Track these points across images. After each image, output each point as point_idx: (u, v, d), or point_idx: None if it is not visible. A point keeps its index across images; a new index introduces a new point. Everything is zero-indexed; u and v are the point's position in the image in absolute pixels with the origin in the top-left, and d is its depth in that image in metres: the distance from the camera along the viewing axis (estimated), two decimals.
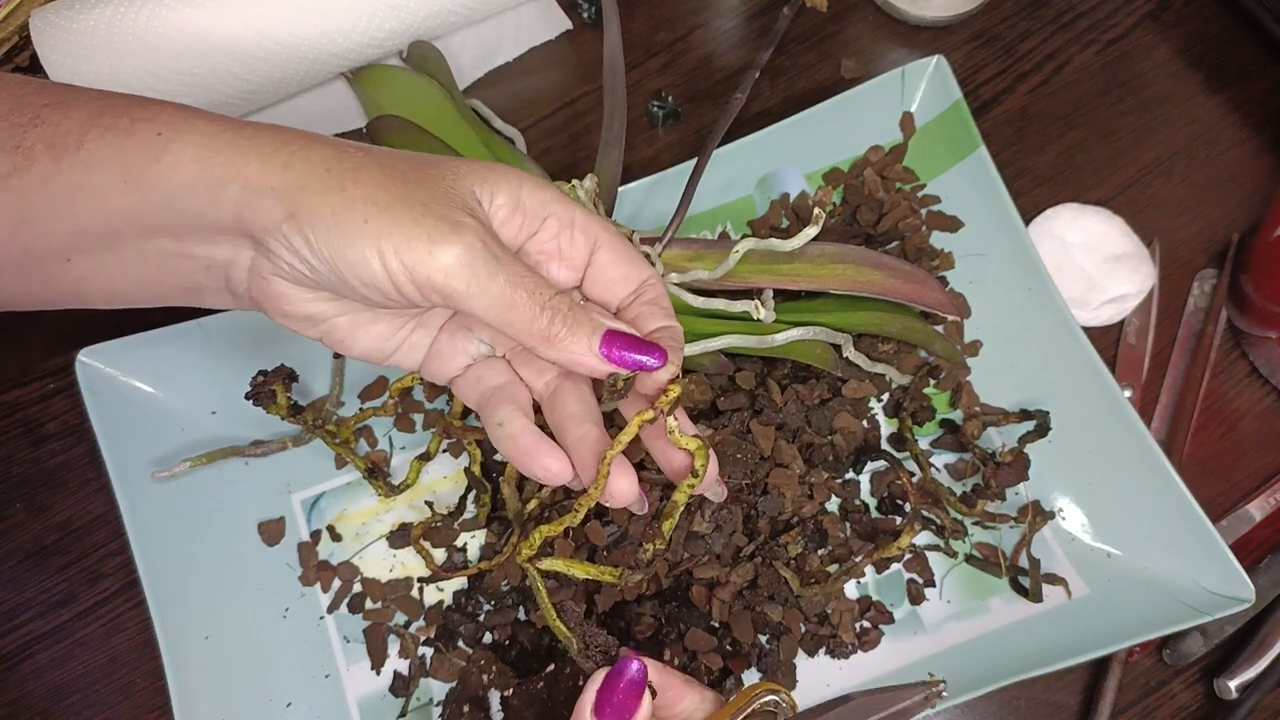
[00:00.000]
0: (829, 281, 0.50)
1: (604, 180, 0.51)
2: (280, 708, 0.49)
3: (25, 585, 0.53)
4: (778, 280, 0.49)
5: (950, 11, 0.60)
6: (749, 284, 0.49)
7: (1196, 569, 0.48)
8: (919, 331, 0.51)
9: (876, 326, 0.51)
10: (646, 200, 0.55)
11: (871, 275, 0.50)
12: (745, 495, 0.49)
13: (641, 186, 0.54)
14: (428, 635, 0.50)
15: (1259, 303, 0.52)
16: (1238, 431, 0.54)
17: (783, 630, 0.49)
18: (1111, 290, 0.55)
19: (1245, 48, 0.61)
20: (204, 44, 0.54)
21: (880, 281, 0.50)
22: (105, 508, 0.53)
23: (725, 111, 0.53)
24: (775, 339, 0.48)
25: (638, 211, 0.55)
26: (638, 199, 0.55)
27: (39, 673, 0.52)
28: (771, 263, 0.50)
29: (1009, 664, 0.47)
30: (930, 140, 0.56)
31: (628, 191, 0.54)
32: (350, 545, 0.52)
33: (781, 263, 0.50)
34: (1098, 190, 0.58)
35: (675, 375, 0.36)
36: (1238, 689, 0.48)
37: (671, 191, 0.52)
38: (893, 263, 0.51)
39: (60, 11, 0.53)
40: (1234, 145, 0.59)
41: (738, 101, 0.53)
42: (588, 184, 0.48)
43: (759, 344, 0.48)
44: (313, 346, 0.54)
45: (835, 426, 0.51)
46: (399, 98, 0.56)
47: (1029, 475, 0.51)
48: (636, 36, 0.62)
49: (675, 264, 0.49)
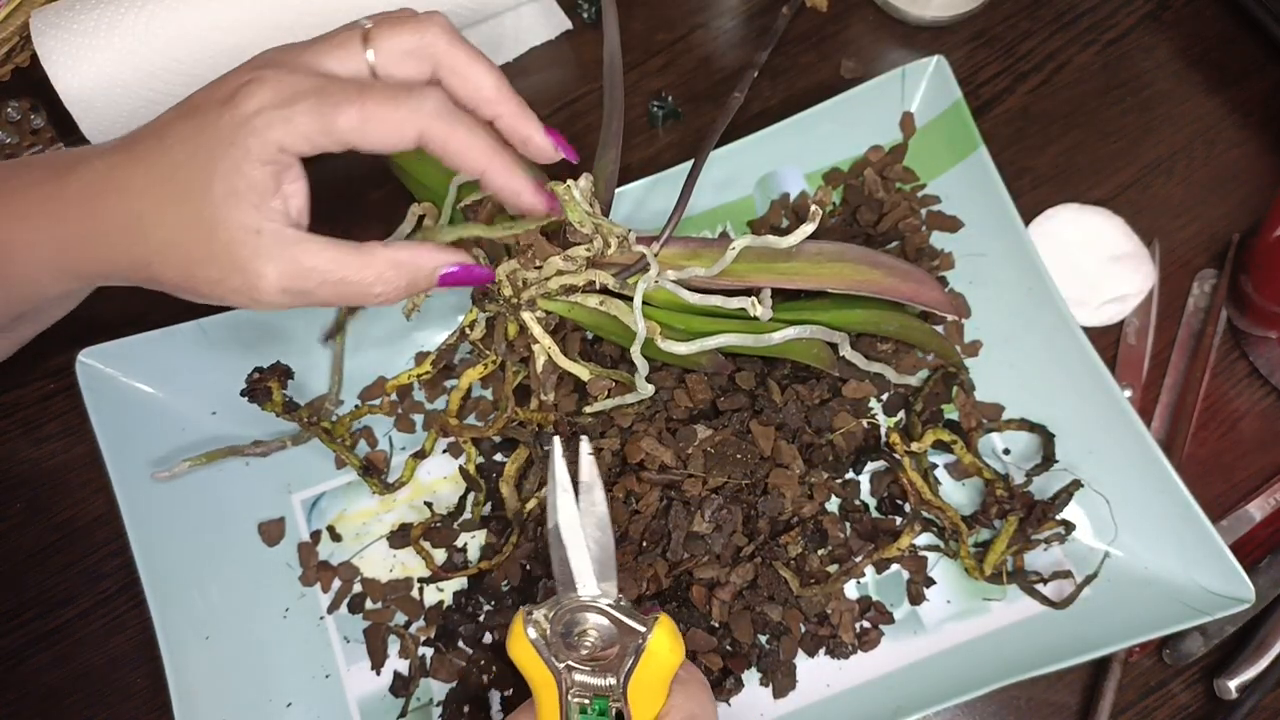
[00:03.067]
0: (827, 280, 0.49)
1: (600, 179, 0.51)
2: (280, 708, 0.49)
3: (25, 585, 0.53)
4: (776, 279, 0.49)
5: (950, 11, 0.60)
6: (747, 283, 0.49)
7: (1196, 569, 0.48)
8: (917, 330, 0.51)
9: (874, 325, 0.51)
10: (645, 200, 0.55)
11: (870, 274, 0.50)
12: (745, 495, 0.49)
13: (640, 186, 0.54)
14: (428, 635, 0.50)
15: (1259, 303, 0.52)
16: (1238, 431, 0.54)
17: (783, 630, 0.49)
18: (1111, 290, 0.55)
19: (1245, 48, 0.61)
20: (204, 43, 0.54)
21: (878, 280, 0.50)
22: (105, 508, 0.53)
23: (723, 111, 0.53)
24: (772, 337, 0.48)
25: (636, 211, 0.55)
26: (637, 198, 0.55)
27: (39, 673, 0.52)
28: (769, 261, 0.50)
29: (1009, 664, 0.47)
30: (930, 140, 0.56)
31: (627, 191, 0.54)
32: (350, 545, 0.52)
33: (779, 261, 0.50)
34: (1098, 190, 0.58)
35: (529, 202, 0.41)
36: (1238, 689, 0.48)
37: (670, 191, 0.52)
38: (891, 261, 0.51)
39: (60, 11, 0.53)
40: (1234, 145, 0.59)
41: (736, 100, 0.53)
42: (583, 184, 0.48)
43: (756, 342, 0.48)
44: (312, 346, 0.54)
45: (835, 426, 0.51)
46: None
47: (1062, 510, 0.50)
48: (636, 36, 0.62)
49: (672, 262, 0.49)
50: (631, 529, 0.48)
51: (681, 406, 0.50)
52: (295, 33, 0.54)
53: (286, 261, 0.38)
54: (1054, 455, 0.51)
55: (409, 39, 0.39)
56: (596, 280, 0.47)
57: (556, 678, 0.37)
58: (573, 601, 0.38)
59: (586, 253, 0.46)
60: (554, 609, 0.38)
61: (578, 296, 0.47)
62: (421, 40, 0.39)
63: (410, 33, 0.39)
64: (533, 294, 0.47)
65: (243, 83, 0.37)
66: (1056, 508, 0.49)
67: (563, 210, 0.43)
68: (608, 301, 0.47)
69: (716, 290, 0.49)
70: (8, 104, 0.60)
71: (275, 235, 0.38)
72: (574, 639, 0.38)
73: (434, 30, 0.39)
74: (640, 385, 0.49)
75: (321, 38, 0.40)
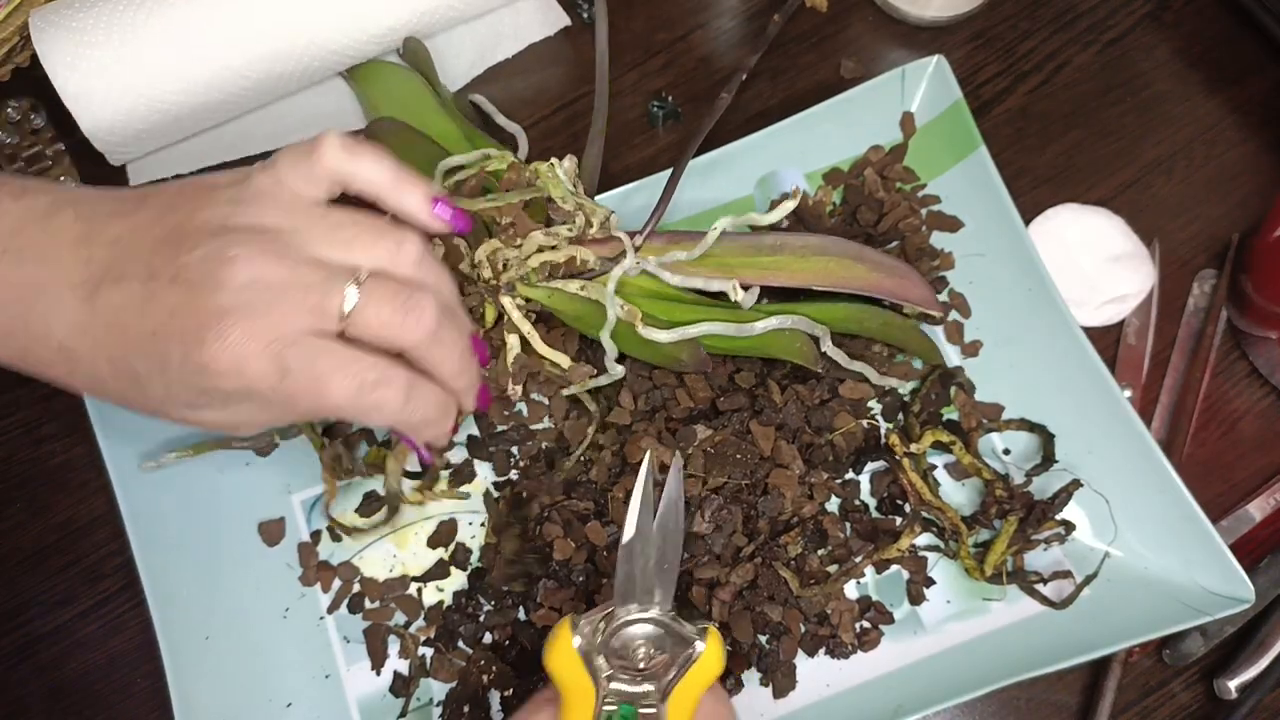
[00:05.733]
0: (811, 276, 0.49)
1: (586, 170, 0.51)
2: (280, 708, 0.49)
3: (25, 585, 0.53)
4: (760, 274, 0.49)
5: (950, 11, 0.60)
6: (732, 277, 0.49)
7: (1196, 569, 0.48)
8: (898, 327, 0.51)
9: (856, 323, 0.50)
10: (627, 199, 0.54)
11: (854, 269, 0.50)
12: (745, 495, 0.49)
13: (632, 189, 0.54)
14: (428, 635, 0.50)
15: (1259, 303, 0.52)
16: (1238, 431, 0.54)
17: (783, 630, 0.49)
18: (1111, 290, 0.55)
19: (1245, 48, 0.61)
20: (203, 42, 0.54)
21: (863, 275, 0.50)
22: (105, 508, 0.53)
23: (710, 111, 0.53)
24: (754, 327, 0.48)
25: (635, 213, 0.55)
26: (635, 201, 0.54)
27: (39, 673, 0.52)
28: (753, 255, 0.49)
29: (1009, 664, 0.47)
30: (930, 140, 0.56)
31: (619, 194, 0.54)
32: (350, 545, 0.52)
33: (764, 255, 0.49)
34: (1098, 190, 0.58)
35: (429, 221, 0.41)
36: (1238, 689, 0.48)
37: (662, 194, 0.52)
38: (876, 256, 0.51)
39: (60, 11, 0.53)
40: (1234, 145, 0.59)
41: (723, 101, 0.53)
42: (566, 164, 0.48)
43: (738, 332, 0.48)
44: None
45: (835, 426, 0.51)
46: (392, 95, 0.56)
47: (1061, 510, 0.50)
48: (636, 36, 0.62)
49: (655, 250, 0.49)
50: None
51: (682, 406, 0.50)
52: (295, 30, 0.54)
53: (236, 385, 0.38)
54: (1054, 455, 0.51)
55: (393, 333, 0.38)
56: (578, 257, 0.47)
57: (597, 686, 0.38)
58: (629, 613, 0.39)
59: (569, 231, 0.46)
60: (606, 620, 0.38)
61: (558, 282, 0.47)
62: (402, 340, 0.39)
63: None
64: (513, 275, 0.47)
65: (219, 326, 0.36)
66: (1056, 508, 0.49)
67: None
68: (588, 286, 0.47)
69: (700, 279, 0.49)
70: (8, 104, 0.60)
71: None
72: (624, 649, 0.38)
73: (417, 334, 0.39)
74: (611, 367, 0.48)
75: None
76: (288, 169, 0.38)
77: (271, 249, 0.36)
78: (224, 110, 0.57)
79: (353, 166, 0.39)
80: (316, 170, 0.39)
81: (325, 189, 0.39)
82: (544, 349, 0.48)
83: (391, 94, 0.56)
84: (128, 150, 0.57)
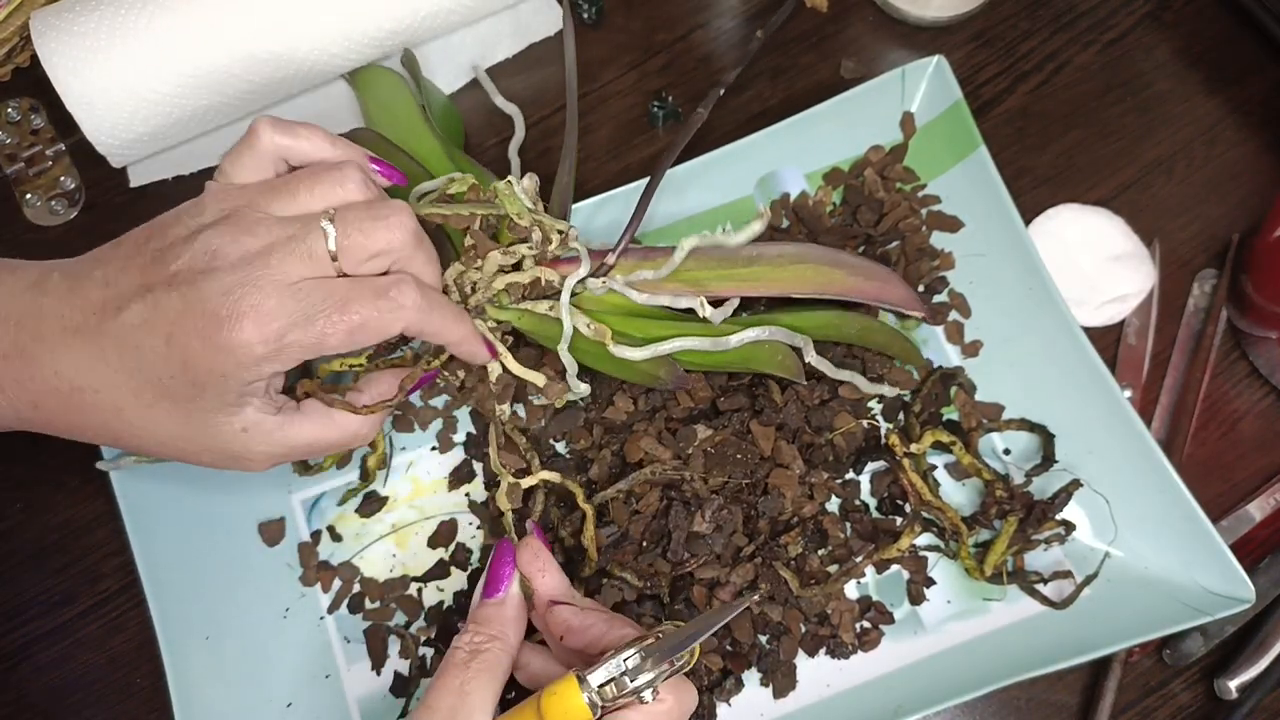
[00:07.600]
0: (789, 284, 0.48)
1: (559, 187, 0.51)
2: (280, 708, 0.49)
3: (25, 585, 0.53)
4: (737, 286, 0.48)
5: (950, 11, 0.60)
6: (708, 291, 0.49)
7: (1196, 569, 0.48)
8: (878, 331, 0.51)
9: (836, 329, 0.50)
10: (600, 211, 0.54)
11: (832, 275, 0.49)
12: (745, 495, 0.49)
13: (613, 198, 0.54)
14: (428, 635, 0.50)
15: (1259, 303, 0.52)
16: (1238, 431, 0.54)
17: (783, 630, 0.49)
18: (1111, 290, 0.55)
19: (1245, 48, 0.61)
20: (204, 44, 0.54)
21: (842, 281, 0.49)
22: (105, 508, 0.53)
23: (684, 127, 0.53)
24: (730, 340, 0.47)
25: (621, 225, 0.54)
26: (611, 213, 0.54)
27: (39, 673, 0.52)
28: (729, 267, 0.49)
29: (1009, 664, 0.47)
30: (930, 140, 0.56)
31: (614, 198, 0.54)
32: (350, 545, 0.52)
33: (739, 266, 0.49)
34: (1098, 190, 0.58)
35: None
36: (1238, 689, 0.48)
37: (660, 203, 0.53)
38: (854, 261, 0.50)
39: (60, 13, 0.53)
40: (1234, 145, 0.59)
41: (699, 117, 0.54)
42: (526, 183, 0.48)
43: (713, 346, 0.47)
44: None
45: (835, 426, 0.51)
46: (385, 104, 0.56)
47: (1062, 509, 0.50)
48: (636, 36, 0.62)
49: (623, 268, 0.49)
50: (632, 529, 0.48)
51: (681, 406, 0.50)
52: (296, 32, 0.54)
53: (275, 444, 0.42)
54: (1054, 455, 0.51)
55: (377, 242, 0.41)
56: (542, 278, 0.47)
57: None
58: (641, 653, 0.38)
59: (529, 250, 0.47)
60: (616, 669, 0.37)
61: (528, 303, 0.47)
62: (389, 243, 0.42)
63: (379, 236, 0.41)
64: (480, 299, 0.47)
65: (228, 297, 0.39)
66: (1056, 508, 0.49)
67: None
68: (556, 306, 0.47)
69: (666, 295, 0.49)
70: (8, 104, 0.60)
71: (260, 426, 0.41)
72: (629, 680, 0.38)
73: (399, 234, 0.42)
74: (573, 384, 0.49)
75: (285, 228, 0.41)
76: (231, 165, 0.42)
77: (242, 227, 0.40)
78: (225, 113, 0.57)
79: (289, 140, 0.42)
80: (257, 153, 0.42)
81: (270, 169, 0.43)
82: (518, 369, 0.48)
83: (385, 103, 0.56)
84: (129, 152, 0.57)
